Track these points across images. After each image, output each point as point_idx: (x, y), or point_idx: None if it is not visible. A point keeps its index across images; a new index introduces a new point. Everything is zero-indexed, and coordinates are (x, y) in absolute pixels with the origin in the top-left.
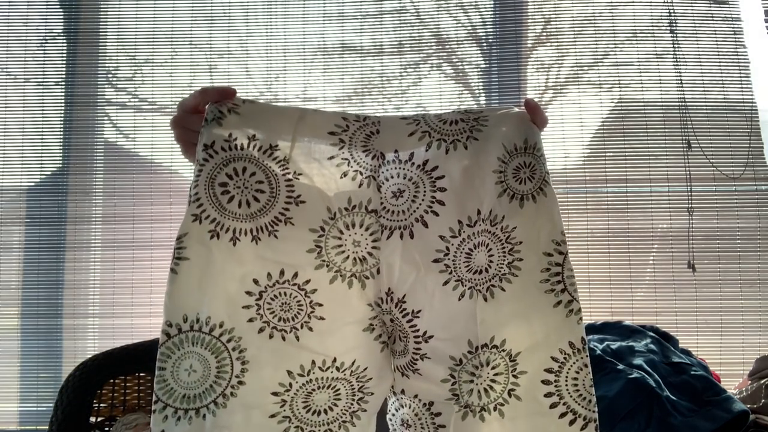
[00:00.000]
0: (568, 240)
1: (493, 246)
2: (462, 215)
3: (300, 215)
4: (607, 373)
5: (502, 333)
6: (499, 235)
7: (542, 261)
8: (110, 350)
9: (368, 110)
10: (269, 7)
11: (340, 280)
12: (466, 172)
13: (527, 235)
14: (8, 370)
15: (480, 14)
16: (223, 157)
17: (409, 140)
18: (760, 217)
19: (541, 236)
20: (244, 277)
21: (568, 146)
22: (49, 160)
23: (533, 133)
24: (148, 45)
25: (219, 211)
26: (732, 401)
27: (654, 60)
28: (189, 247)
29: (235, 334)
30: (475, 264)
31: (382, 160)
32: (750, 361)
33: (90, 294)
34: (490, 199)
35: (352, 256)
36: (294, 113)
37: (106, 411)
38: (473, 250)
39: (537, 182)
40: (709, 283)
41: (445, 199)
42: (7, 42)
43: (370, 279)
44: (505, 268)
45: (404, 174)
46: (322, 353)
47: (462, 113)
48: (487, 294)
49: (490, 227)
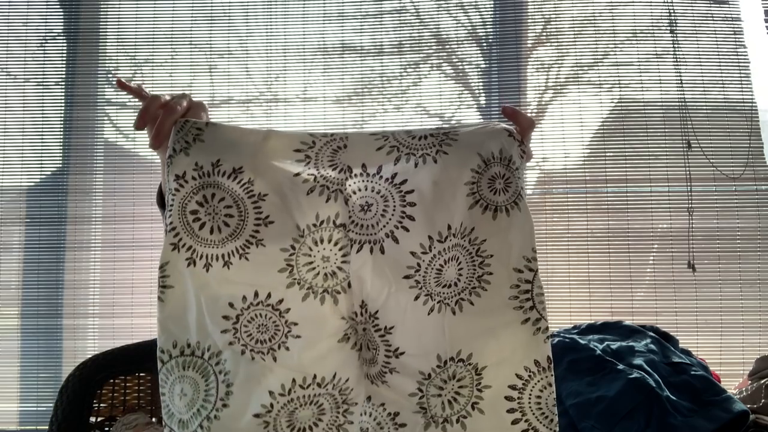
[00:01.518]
0: (568, 240)
1: (462, 259)
2: (432, 231)
3: (270, 235)
4: (607, 373)
5: (470, 347)
6: (468, 248)
7: (512, 277)
8: (110, 350)
9: (368, 110)
10: (269, 7)
11: (312, 297)
12: (436, 186)
13: (498, 249)
14: (8, 370)
15: (480, 14)
16: (193, 186)
17: (377, 154)
18: (760, 217)
19: (512, 251)
20: (220, 301)
21: (568, 146)
22: (49, 160)
23: (509, 145)
24: (148, 45)
25: (193, 238)
26: (732, 401)
27: (654, 60)
28: (172, 275)
29: (221, 357)
30: (444, 279)
31: (349, 174)
32: (750, 361)
33: (90, 294)
34: (461, 211)
35: (322, 272)
36: (257, 135)
37: (106, 411)
38: (444, 266)
39: (512, 195)
40: (709, 283)
41: (415, 215)
42: (7, 42)
43: (341, 294)
44: (475, 282)
45: (372, 187)
46: (302, 371)
47: (433, 129)
48: (456, 307)
49: (460, 240)
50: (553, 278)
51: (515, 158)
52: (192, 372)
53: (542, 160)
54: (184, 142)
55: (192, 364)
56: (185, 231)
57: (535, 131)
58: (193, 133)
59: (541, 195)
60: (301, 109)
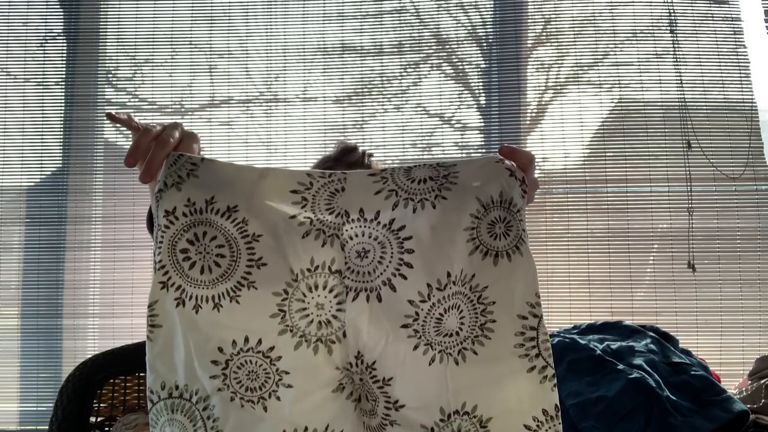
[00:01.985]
0: (568, 240)
1: (464, 307)
2: (431, 278)
3: (262, 278)
4: (607, 373)
5: (474, 398)
6: (470, 295)
7: (516, 324)
8: (110, 350)
9: (368, 110)
10: (269, 7)
11: (305, 345)
12: (435, 232)
13: (501, 296)
14: (8, 370)
15: (480, 14)
16: (183, 223)
17: (375, 199)
18: (760, 217)
19: (515, 297)
20: (209, 345)
21: (568, 146)
22: (49, 160)
23: (510, 186)
24: (148, 45)
25: (183, 278)
26: (732, 401)
27: (654, 60)
28: (160, 314)
29: (209, 402)
30: (445, 328)
31: (347, 218)
32: (750, 361)
33: (90, 294)
34: (461, 258)
35: (317, 320)
36: (254, 173)
37: (106, 411)
38: (444, 315)
39: (513, 239)
40: (709, 283)
41: (413, 262)
42: (7, 42)
43: (336, 343)
44: (478, 330)
45: (369, 233)
46: (293, 423)
47: (433, 168)
48: (459, 357)
49: (461, 288)
50: (553, 278)
51: (516, 200)
52: (180, 416)
53: (542, 160)
54: (176, 177)
55: (180, 408)
56: (175, 270)
57: (535, 131)
58: (187, 168)
59: (541, 195)
60: (301, 109)
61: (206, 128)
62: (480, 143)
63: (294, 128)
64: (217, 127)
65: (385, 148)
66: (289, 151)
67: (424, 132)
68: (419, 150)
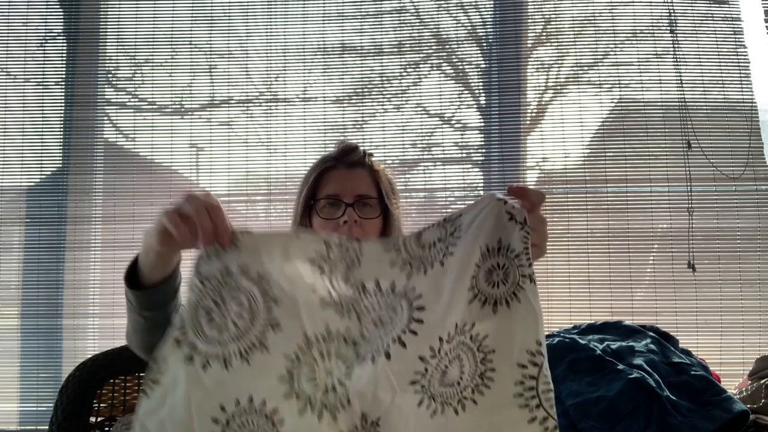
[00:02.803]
0: (568, 240)
1: (464, 356)
2: (443, 332)
3: (275, 341)
4: (607, 373)
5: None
6: (470, 344)
7: (515, 373)
8: (110, 350)
9: (368, 110)
10: (269, 7)
11: (309, 411)
12: (443, 287)
13: (500, 344)
14: (8, 370)
15: (480, 14)
16: (214, 285)
17: (391, 271)
18: (760, 217)
19: (515, 346)
20: (212, 403)
21: (568, 146)
22: (49, 160)
23: (509, 231)
24: (148, 45)
25: (199, 336)
26: (732, 401)
27: (654, 60)
28: (164, 371)
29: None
30: (448, 379)
31: (363, 292)
32: (750, 361)
33: (90, 294)
34: (462, 308)
35: (323, 385)
36: (282, 241)
37: (106, 411)
38: (448, 366)
39: (511, 286)
40: (709, 283)
41: (425, 318)
42: (7, 42)
43: (341, 411)
44: (477, 379)
45: (385, 303)
46: None
47: (441, 228)
48: (458, 407)
49: (462, 337)
50: (553, 278)
51: (514, 245)
52: None
53: (542, 160)
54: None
55: None
56: (193, 328)
57: (535, 131)
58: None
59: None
60: (301, 109)
61: (206, 128)
62: (480, 143)
63: (294, 128)
64: (217, 127)
65: (385, 148)
66: (289, 151)
67: (424, 132)
68: (419, 150)
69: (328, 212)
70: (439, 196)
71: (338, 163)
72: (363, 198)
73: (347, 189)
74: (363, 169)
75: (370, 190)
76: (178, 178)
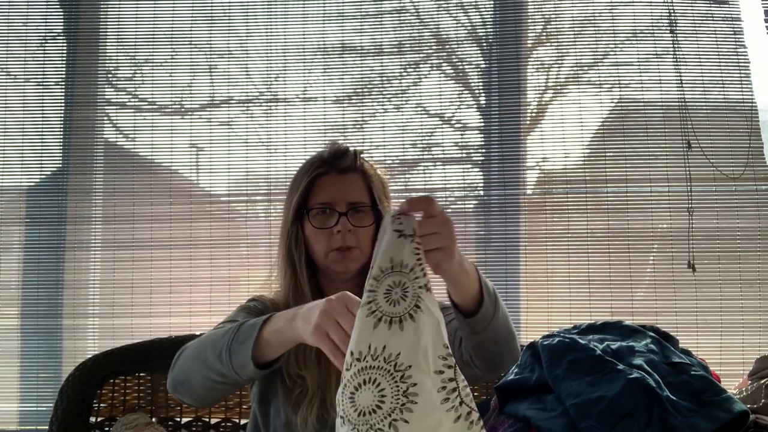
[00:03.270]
0: (568, 240)
1: (382, 380)
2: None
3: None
4: (607, 373)
5: None
6: (385, 366)
7: (436, 381)
8: (110, 350)
9: (368, 110)
10: (269, 7)
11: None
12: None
13: (413, 358)
14: (8, 370)
15: (480, 14)
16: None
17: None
18: (760, 217)
19: (428, 355)
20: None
21: (568, 146)
22: (49, 160)
23: (399, 249)
24: (148, 45)
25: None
26: (732, 401)
27: (654, 60)
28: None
29: None
30: (360, 404)
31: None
32: (750, 361)
33: (90, 294)
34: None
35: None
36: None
37: (106, 411)
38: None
39: (412, 299)
40: (709, 283)
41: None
42: (7, 42)
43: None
44: (402, 398)
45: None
46: None
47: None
48: (391, 430)
49: (375, 362)
50: (553, 278)
51: (407, 260)
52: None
53: (542, 160)
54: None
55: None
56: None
57: (535, 131)
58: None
59: (541, 195)
60: (301, 109)
61: (206, 128)
62: (480, 143)
63: (294, 128)
64: (217, 127)
65: (385, 148)
66: (289, 151)
67: (424, 132)
68: (419, 150)
69: (321, 221)
70: (439, 196)
71: (329, 169)
72: (356, 205)
73: (339, 196)
74: (355, 173)
75: (363, 196)
76: (178, 178)
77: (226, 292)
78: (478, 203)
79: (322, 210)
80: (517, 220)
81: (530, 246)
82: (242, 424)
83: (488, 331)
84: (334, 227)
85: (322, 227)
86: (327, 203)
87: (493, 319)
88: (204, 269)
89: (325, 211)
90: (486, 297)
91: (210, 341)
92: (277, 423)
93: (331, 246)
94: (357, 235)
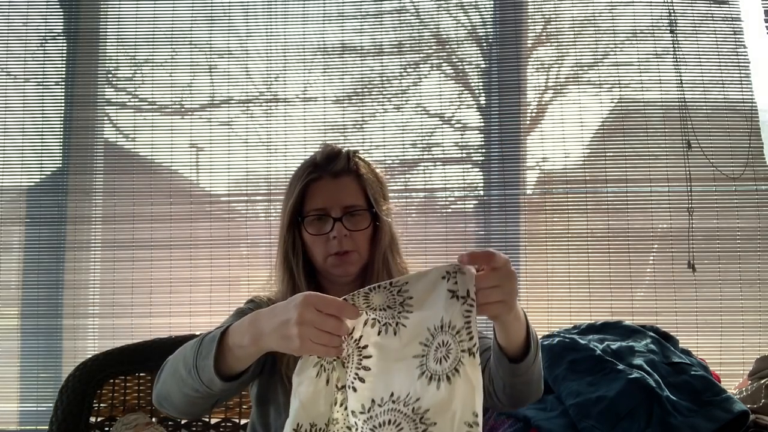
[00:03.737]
0: (568, 240)
1: (405, 425)
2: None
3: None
4: (607, 373)
5: None
6: (412, 416)
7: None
8: (110, 350)
9: (368, 110)
10: (269, 7)
11: None
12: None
13: (440, 418)
14: (8, 370)
15: (480, 14)
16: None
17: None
18: (760, 217)
19: (455, 419)
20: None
21: (568, 146)
22: (49, 160)
23: (450, 311)
24: (148, 45)
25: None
26: (732, 401)
27: (654, 60)
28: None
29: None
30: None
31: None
32: (750, 361)
33: (90, 294)
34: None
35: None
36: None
37: (106, 411)
38: (376, 429)
39: (453, 362)
40: (709, 283)
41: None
42: (7, 42)
43: None
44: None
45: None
46: None
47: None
48: None
49: (402, 407)
50: (553, 278)
51: (455, 321)
52: None
53: (542, 160)
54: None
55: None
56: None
57: (535, 131)
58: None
59: (541, 195)
60: (301, 109)
61: (206, 128)
62: (480, 143)
63: (294, 128)
64: (217, 127)
65: (385, 148)
66: (289, 151)
67: (424, 132)
68: (419, 150)
69: (317, 227)
70: (439, 196)
71: (322, 173)
72: (350, 209)
73: (334, 201)
74: (348, 176)
75: (358, 198)
76: (178, 178)
77: (226, 292)
78: (478, 203)
79: (317, 216)
80: (517, 220)
81: (530, 246)
82: (242, 424)
83: (526, 374)
84: (330, 233)
85: (318, 233)
86: (321, 209)
87: (534, 365)
88: (204, 269)
89: (320, 217)
90: (532, 344)
91: (181, 356)
92: (277, 423)
93: (329, 251)
94: (354, 239)
